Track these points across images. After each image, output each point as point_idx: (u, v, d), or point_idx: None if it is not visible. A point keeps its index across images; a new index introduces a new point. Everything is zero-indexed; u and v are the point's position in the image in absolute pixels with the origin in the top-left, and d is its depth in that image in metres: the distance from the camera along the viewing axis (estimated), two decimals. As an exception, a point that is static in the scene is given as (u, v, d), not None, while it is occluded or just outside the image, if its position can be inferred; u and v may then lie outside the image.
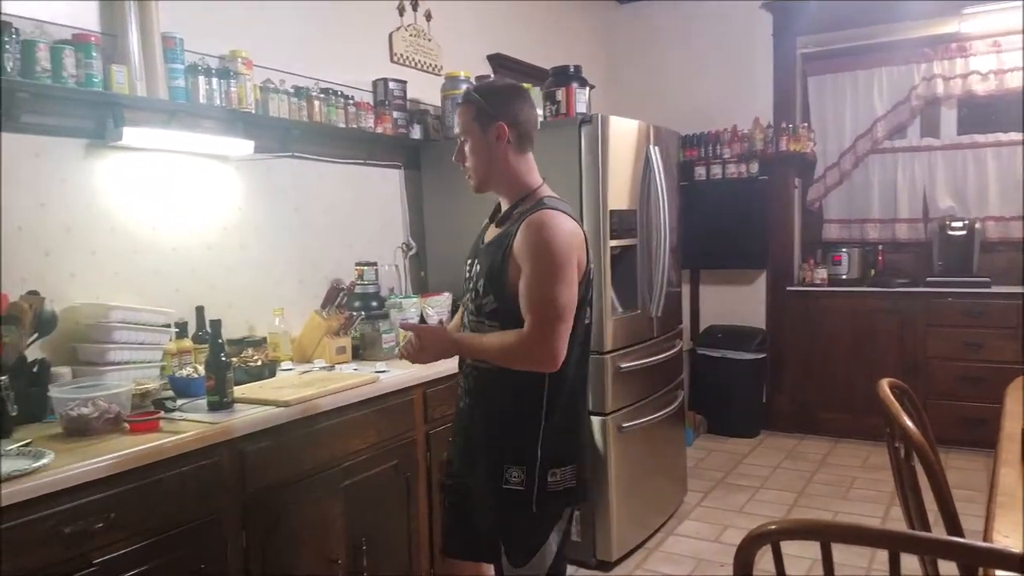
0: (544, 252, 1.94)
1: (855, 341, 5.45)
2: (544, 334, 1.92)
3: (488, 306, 2.05)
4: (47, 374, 2.29)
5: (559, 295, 1.93)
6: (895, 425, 2.00)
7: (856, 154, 5.77)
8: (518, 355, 1.96)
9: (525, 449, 2.00)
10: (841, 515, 4.13)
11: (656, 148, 3.78)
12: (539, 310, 1.93)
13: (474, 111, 2.09)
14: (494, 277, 2.02)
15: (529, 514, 2.01)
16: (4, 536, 1.68)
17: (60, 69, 2.40)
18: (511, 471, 2.00)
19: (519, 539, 2.06)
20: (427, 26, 4.23)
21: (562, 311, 1.94)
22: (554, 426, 2.02)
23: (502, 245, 2.03)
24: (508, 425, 2.04)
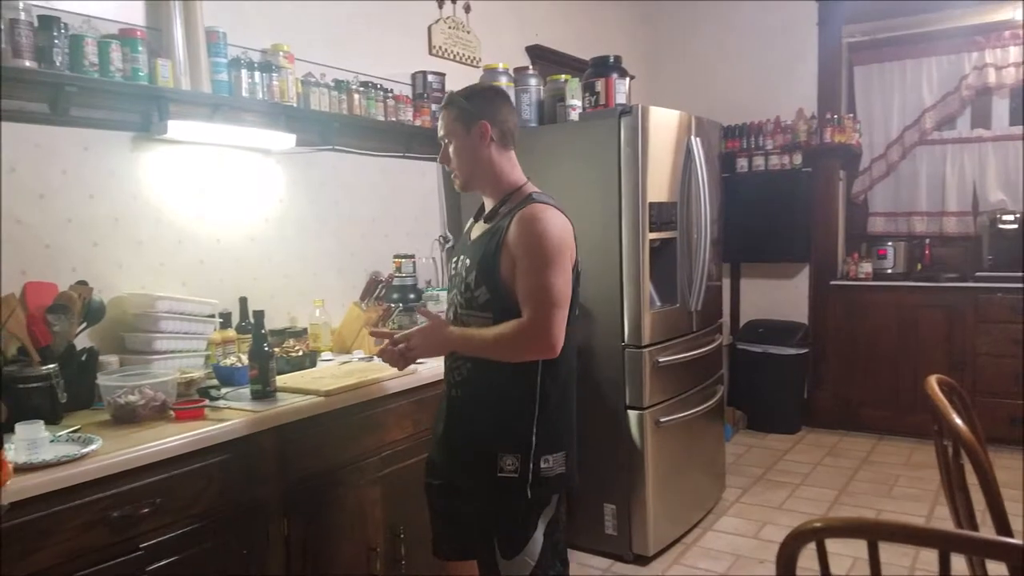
0: (539, 243, 2.00)
1: (900, 336, 5.35)
2: (544, 321, 1.98)
3: (481, 298, 2.09)
4: (95, 362, 2.34)
5: (556, 283, 2.00)
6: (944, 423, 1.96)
7: (903, 145, 5.66)
8: (519, 344, 2.00)
9: (520, 436, 2.05)
10: (884, 513, 4.07)
11: (697, 139, 3.74)
12: (538, 298, 1.98)
13: (456, 112, 2.14)
14: (487, 269, 2.07)
15: (523, 501, 2.05)
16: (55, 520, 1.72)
17: (107, 63, 2.44)
18: (505, 459, 2.04)
19: (510, 528, 2.09)
20: (466, 18, 4.24)
21: (559, 298, 2.00)
22: (548, 414, 2.08)
23: (494, 238, 2.08)
24: (503, 414, 2.08)
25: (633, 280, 3.45)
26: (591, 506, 3.64)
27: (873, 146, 5.77)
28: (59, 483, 1.71)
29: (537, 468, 2.05)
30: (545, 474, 2.06)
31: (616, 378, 3.52)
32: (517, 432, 2.05)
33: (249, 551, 2.17)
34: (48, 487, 1.69)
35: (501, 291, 2.05)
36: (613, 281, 3.49)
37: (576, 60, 4.91)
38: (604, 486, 3.59)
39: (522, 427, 2.05)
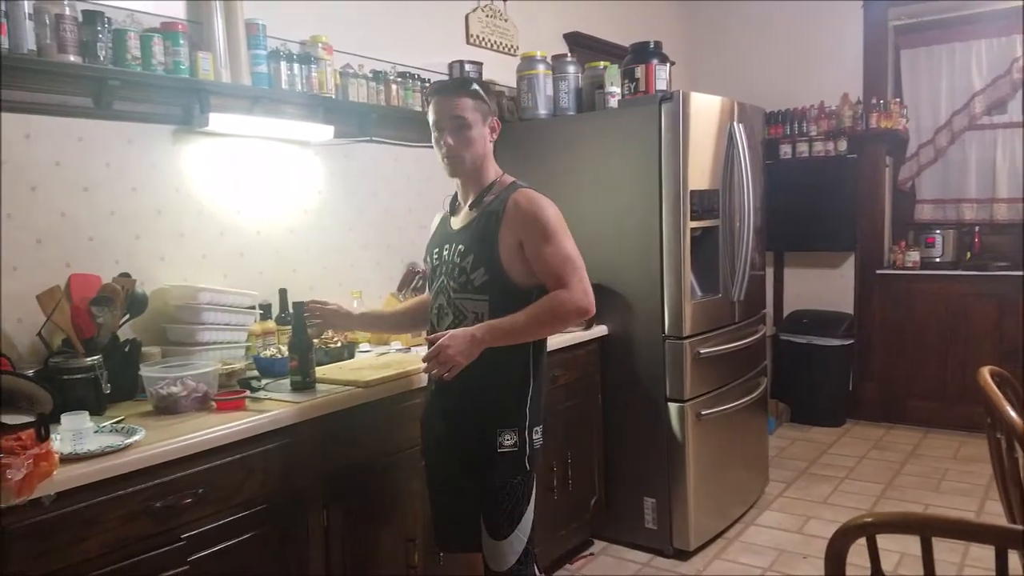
0: (545, 219, 2.15)
1: (948, 327, 5.23)
2: (582, 284, 2.14)
3: (477, 280, 2.16)
4: (138, 353, 2.38)
5: (574, 250, 2.17)
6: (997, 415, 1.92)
7: (952, 131, 5.51)
8: (561, 314, 2.12)
9: (516, 413, 2.17)
10: (932, 508, 3.99)
11: (740, 125, 3.68)
12: (568, 266, 2.13)
13: (476, 102, 2.22)
14: (485, 252, 2.16)
15: (523, 472, 2.17)
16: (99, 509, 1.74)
17: (149, 57, 2.46)
18: (504, 435, 2.15)
19: (510, 505, 2.17)
20: (503, 6, 4.21)
21: (581, 262, 2.17)
22: (538, 389, 2.22)
23: (488, 222, 2.17)
24: (502, 392, 2.18)
25: (674, 270, 3.41)
26: (631, 500, 3.61)
27: (920, 131, 5.62)
28: (103, 473, 1.73)
29: (531, 442, 2.19)
30: (536, 446, 2.21)
31: (656, 370, 3.49)
32: (514, 409, 2.17)
33: (289, 542, 2.19)
34: (93, 477, 1.71)
35: (500, 271, 2.14)
36: (653, 271, 3.45)
37: (615, 47, 4.86)
38: (644, 479, 3.56)
39: (518, 404, 2.18)
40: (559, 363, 3.31)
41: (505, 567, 2.18)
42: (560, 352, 3.31)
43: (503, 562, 2.18)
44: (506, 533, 2.17)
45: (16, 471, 1.54)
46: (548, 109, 3.85)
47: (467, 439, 2.20)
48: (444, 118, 2.20)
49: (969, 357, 4.99)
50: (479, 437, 2.17)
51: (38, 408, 1.70)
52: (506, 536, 2.17)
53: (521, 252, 2.15)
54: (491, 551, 2.19)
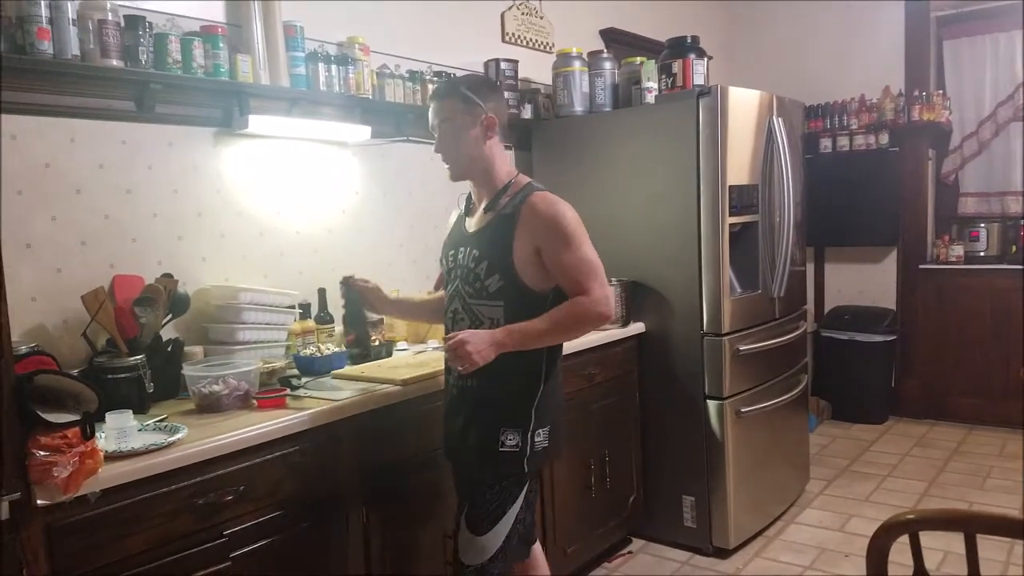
0: (564, 223, 2.11)
1: (993, 322, 5.12)
2: (602, 290, 2.11)
3: (492, 286, 2.14)
4: (180, 353, 2.41)
5: (593, 256, 2.13)
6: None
7: (997, 122, 5.39)
8: (582, 320, 2.11)
9: (522, 414, 2.16)
10: (976, 506, 3.91)
11: (779, 119, 3.63)
12: (587, 271, 2.10)
13: (462, 102, 2.17)
14: (500, 258, 2.13)
15: (519, 472, 2.16)
16: (143, 506, 1.77)
17: (190, 60, 2.50)
18: (507, 434, 2.14)
19: (490, 501, 2.16)
20: (539, 4, 4.20)
21: (601, 268, 2.14)
22: (547, 392, 2.20)
23: (503, 227, 2.14)
24: (511, 394, 2.17)
25: (712, 266, 3.38)
26: (670, 498, 3.59)
27: (964, 124, 5.51)
28: (147, 471, 1.76)
29: (533, 442, 2.17)
30: (537, 447, 2.18)
31: (695, 367, 3.46)
32: (520, 410, 2.16)
33: (329, 538, 2.21)
34: (137, 475, 1.74)
35: (515, 277, 2.12)
36: (691, 267, 3.42)
37: (651, 42, 4.82)
38: (683, 478, 3.54)
39: (525, 405, 2.17)
40: (595, 361, 3.30)
41: (476, 562, 2.16)
42: (596, 350, 3.30)
43: (475, 557, 2.16)
44: (484, 530, 2.16)
45: (62, 468, 1.58)
46: (584, 106, 3.84)
47: (473, 436, 2.19)
48: (435, 123, 2.22)
49: (1013, 353, 4.88)
50: (483, 434, 2.17)
51: (84, 407, 1.72)
52: (484, 533, 2.15)
53: (537, 257, 2.12)
54: (465, 544, 2.18)
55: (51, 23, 2.17)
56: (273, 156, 2.92)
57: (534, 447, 2.17)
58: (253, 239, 2.86)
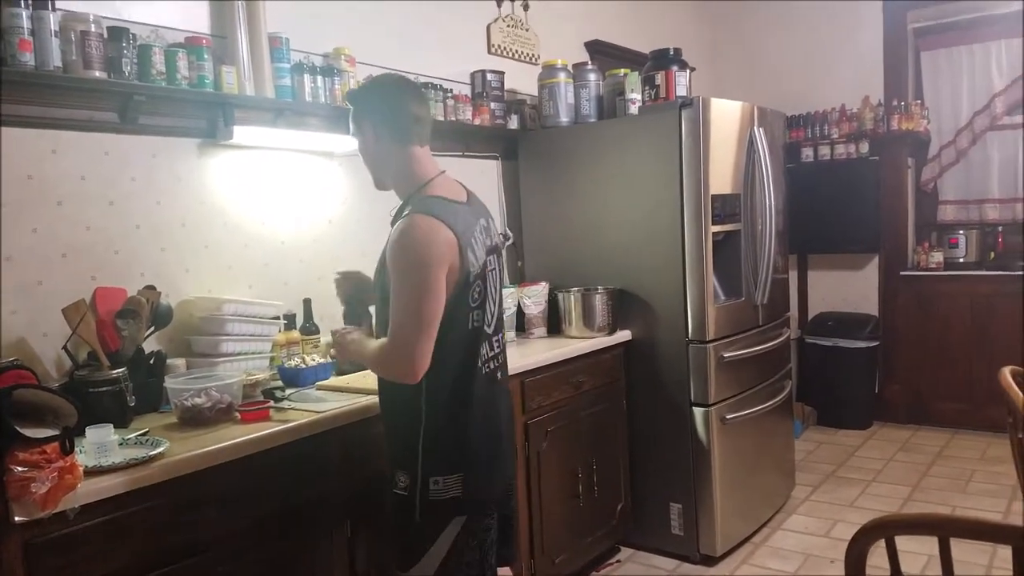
0: (402, 263, 1.90)
1: (974, 327, 5.18)
2: (400, 347, 1.89)
3: (377, 302, 2.08)
4: (163, 365, 2.40)
5: (418, 307, 1.88)
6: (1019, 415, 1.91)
7: (974, 131, 5.46)
8: (381, 366, 1.99)
9: (408, 455, 1.99)
10: (959, 510, 3.95)
11: (760, 130, 3.66)
12: (397, 322, 1.90)
13: (351, 114, 2.12)
14: (378, 280, 2.05)
15: (412, 520, 1.99)
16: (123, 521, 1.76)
17: (174, 71, 2.49)
18: (399, 476, 2.01)
19: (403, 541, 2.03)
20: (524, 16, 4.22)
21: (421, 323, 1.88)
22: (434, 434, 1.98)
23: (385, 248, 1.99)
24: (393, 430, 2.07)
25: (696, 274, 3.39)
26: (657, 505, 3.59)
27: (942, 133, 5.58)
28: (128, 485, 1.75)
29: (425, 489, 1.97)
30: (435, 496, 1.96)
31: (680, 375, 3.47)
32: (405, 449, 2.00)
33: (314, 551, 2.20)
34: (117, 489, 1.73)
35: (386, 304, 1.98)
36: (676, 275, 3.44)
37: (635, 54, 4.85)
38: (670, 485, 3.54)
39: (409, 445, 1.99)
40: (583, 369, 3.31)
41: None
42: (584, 358, 3.32)
43: None
44: (406, 566, 2.02)
45: (40, 484, 1.56)
46: (570, 117, 3.86)
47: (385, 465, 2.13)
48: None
49: (995, 357, 4.91)
50: (388, 467, 2.08)
51: (63, 421, 1.71)
52: (406, 569, 2.02)
53: None
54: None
55: (33, 34, 2.15)
56: (258, 167, 2.91)
57: (429, 494, 1.96)
58: (238, 250, 2.85)
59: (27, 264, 2.27)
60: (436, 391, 1.97)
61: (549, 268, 3.80)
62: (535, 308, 3.61)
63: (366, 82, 2.42)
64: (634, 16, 5.13)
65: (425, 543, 1.99)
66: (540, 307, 3.63)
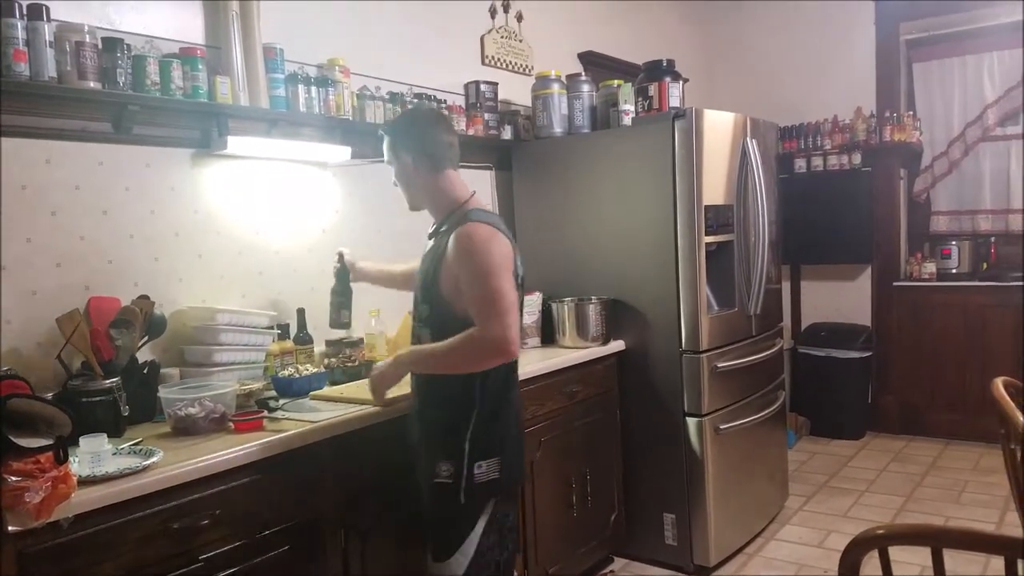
0: (479, 256, 2.10)
1: (967, 338, 5.20)
2: (498, 327, 2.05)
3: (424, 312, 2.24)
4: (157, 375, 2.39)
5: (503, 289, 2.08)
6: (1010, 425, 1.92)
7: (966, 143, 5.49)
8: (474, 353, 2.10)
9: (454, 445, 2.16)
10: (953, 520, 3.95)
11: (753, 141, 3.68)
12: (488, 305, 2.06)
13: (388, 142, 2.33)
14: (428, 286, 2.22)
15: (456, 505, 2.16)
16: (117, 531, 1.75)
17: (168, 82, 2.49)
18: (441, 466, 2.17)
19: (443, 531, 2.21)
20: (518, 27, 4.24)
21: (509, 304, 2.08)
22: (483, 423, 2.18)
23: (435, 256, 2.22)
24: (440, 423, 2.21)
25: (690, 284, 3.40)
26: (651, 516, 3.59)
27: (934, 144, 5.61)
28: (121, 495, 1.75)
29: (471, 474, 2.15)
30: (479, 479, 2.16)
31: (674, 385, 3.48)
32: (452, 441, 2.17)
33: (308, 562, 2.19)
34: (111, 499, 1.73)
35: (441, 307, 2.18)
36: (669, 286, 3.45)
37: (629, 65, 4.88)
38: (663, 495, 3.54)
39: (457, 436, 2.17)
40: (577, 379, 3.31)
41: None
42: (578, 368, 3.32)
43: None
44: (443, 557, 2.20)
45: (34, 494, 1.56)
46: (563, 127, 3.87)
47: (419, 464, 2.27)
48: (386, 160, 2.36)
49: (988, 368, 4.93)
50: (425, 464, 2.23)
51: (57, 431, 1.71)
52: (443, 560, 2.19)
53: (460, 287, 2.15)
54: (434, 570, 2.22)
55: (28, 45, 2.16)
56: (252, 176, 2.92)
57: (473, 479, 2.15)
58: (231, 259, 2.85)
59: (21, 274, 2.27)
60: (493, 382, 2.19)
61: (542, 278, 3.80)
62: (528, 318, 3.61)
63: (403, 114, 2.70)
64: (627, 27, 5.16)
65: (466, 528, 2.17)
66: (533, 317, 3.63)
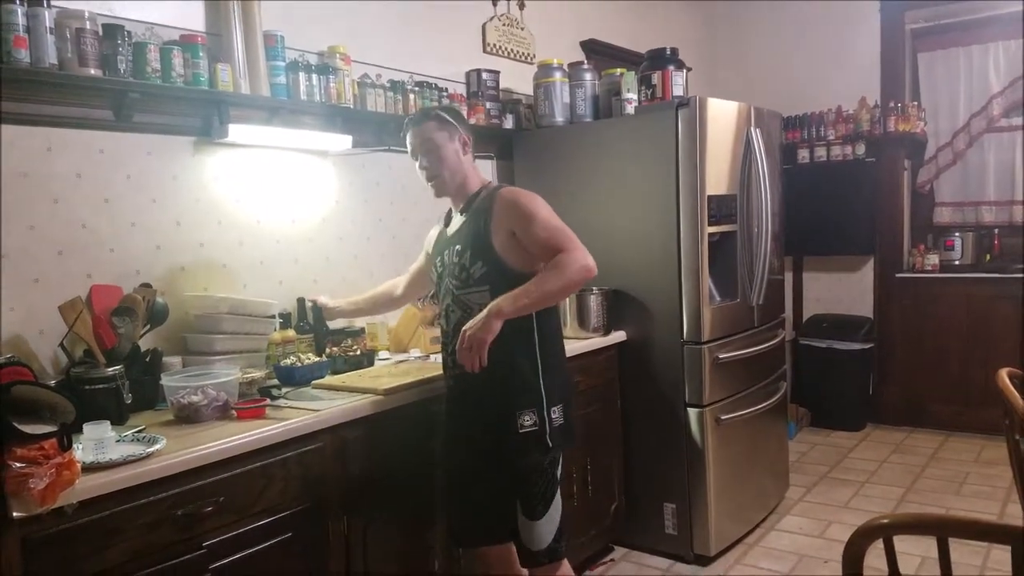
0: (528, 203, 2.29)
1: (969, 329, 5.19)
2: (577, 248, 2.23)
3: (477, 273, 2.30)
4: (159, 363, 2.39)
5: (563, 224, 2.29)
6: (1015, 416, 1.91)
7: (970, 133, 5.48)
8: (568, 271, 2.19)
9: (533, 393, 2.27)
10: (953, 511, 3.95)
11: (757, 130, 3.67)
12: (560, 236, 2.24)
13: (439, 125, 2.39)
14: (481, 246, 2.29)
15: (545, 450, 2.26)
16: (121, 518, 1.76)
17: (169, 69, 2.48)
18: (523, 416, 2.25)
19: (535, 484, 2.29)
20: (520, 15, 4.22)
21: (572, 232, 2.28)
22: (550, 370, 2.31)
23: (480, 218, 2.32)
24: (515, 375, 2.27)
25: (692, 275, 3.40)
26: (651, 505, 3.60)
27: (939, 134, 5.59)
28: (125, 482, 1.75)
29: (550, 419, 2.28)
30: (556, 424, 2.29)
31: (675, 375, 3.48)
32: (529, 389, 2.27)
33: (310, 549, 2.19)
34: (115, 486, 1.73)
35: (497, 262, 2.27)
36: (671, 276, 3.44)
37: (631, 53, 4.86)
38: (664, 485, 3.55)
39: (532, 384, 2.28)
40: (578, 369, 3.30)
41: (543, 545, 2.30)
42: (579, 358, 3.31)
43: (540, 541, 2.29)
44: (541, 513, 2.29)
45: (38, 480, 1.56)
46: (565, 116, 3.86)
47: (489, 425, 2.29)
48: (417, 146, 2.40)
49: (990, 359, 4.93)
50: (500, 421, 2.26)
51: (60, 418, 1.71)
52: (542, 516, 2.28)
53: (515, 240, 2.27)
54: (528, 531, 2.29)
55: (28, 32, 2.15)
56: (253, 165, 2.91)
57: (552, 423, 2.27)
58: (233, 248, 2.85)
59: (23, 262, 2.27)
60: (547, 332, 2.34)
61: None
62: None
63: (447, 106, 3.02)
64: (630, 16, 5.13)
65: (553, 476, 2.32)
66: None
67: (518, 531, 2.33)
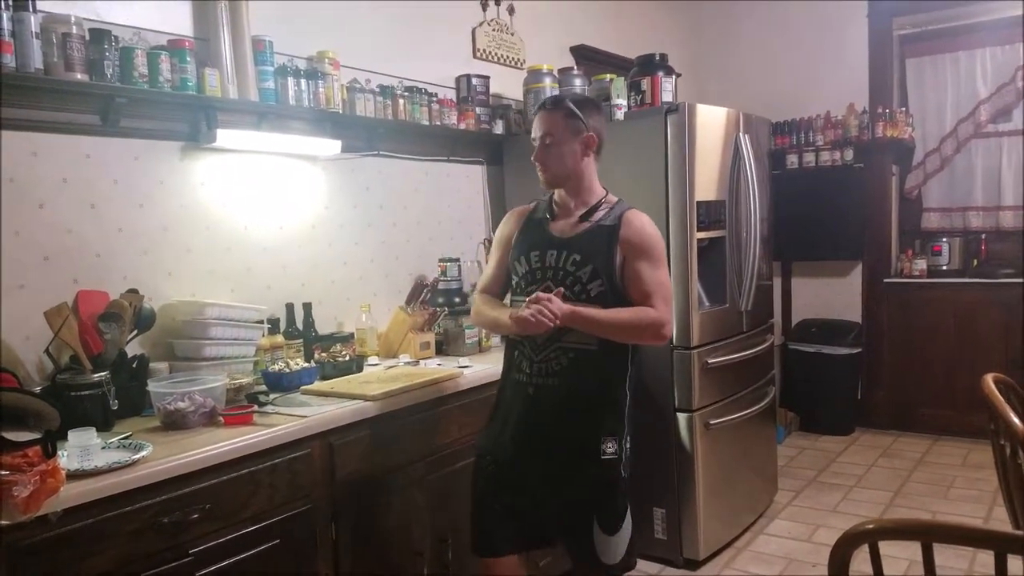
0: (655, 243, 2.26)
1: (956, 334, 5.21)
2: (668, 314, 2.23)
3: (594, 291, 2.23)
4: (146, 369, 2.38)
5: (668, 280, 2.29)
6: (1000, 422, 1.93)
7: (958, 139, 5.51)
8: (645, 330, 2.20)
9: (617, 422, 2.26)
10: (940, 515, 3.97)
11: (746, 136, 3.68)
12: (663, 293, 2.23)
13: (566, 117, 2.27)
14: (604, 263, 2.23)
15: (620, 478, 2.26)
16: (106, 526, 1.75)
17: (156, 74, 2.48)
18: (607, 443, 2.23)
19: (611, 504, 2.27)
20: (510, 20, 4.23)
21: (671, 294, 2.29)
22: (631, 400, 2.30)
23: (607, 236, 2.25)
24: (607, 404, 2.26)
25: (681, 280, 3.40)
26: (640, 510, 3.57)
27: (926, 140, 5.63)
28: (110, 489, 1.74)
29: (626, 448, 2.28)
30: (628, 454, 2.29)
31: (665, 380, 3.48)
32: (617, 419, 2.26)
33: (298, 556, 2.19)
34: (100, 493, 1.72)
35: (616, 284, 2.23)
36: (660, 282, 3.44)
37: (621, 59, 4.87)
38: (653, 490, 3.54)
39: (618, 413, 2.27)
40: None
41: (617, 559, 2.28)
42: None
43: (615, 555, 2.28)
44: (616, 528, 2.27)
45: (22, 488, 1.55)
46: (554, 121, 3.85)
47: (572, 444, 2.25)
48: (537, 134, 2.32)
49: (978, 364, 4.94)
50: (584, 444, 2.23)
51: (45, 425, 1.70)
52: (618, 531, 2.27)
53: (623, 267, 2.24)
54: (604, 546, 2.27)
55: (14, 36, 2.15)
56: (241, 170, 2.90)
57: (627, 453, 2.28)
58: (220, 254, 2.84)
59: (8, 267, 2.26)
60: (637, 363, 2.35)
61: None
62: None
63: (585, 96, 2.88)
64: (620, 21, 5.15)
65: (626, 497, 2.31)
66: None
67: (593, 547, 2.26)
